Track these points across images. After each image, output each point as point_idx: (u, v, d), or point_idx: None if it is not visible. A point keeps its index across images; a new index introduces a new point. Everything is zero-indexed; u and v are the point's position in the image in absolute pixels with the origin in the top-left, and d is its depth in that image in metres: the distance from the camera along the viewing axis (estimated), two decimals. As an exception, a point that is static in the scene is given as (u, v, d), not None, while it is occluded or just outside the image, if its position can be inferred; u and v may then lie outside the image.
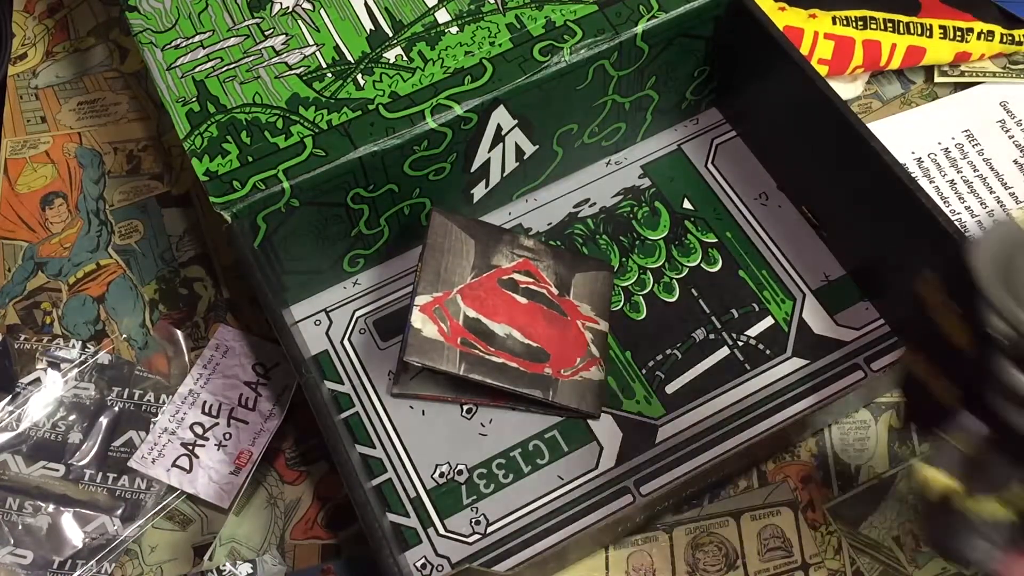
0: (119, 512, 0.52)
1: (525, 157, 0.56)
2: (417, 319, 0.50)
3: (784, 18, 0.63)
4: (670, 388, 0.53)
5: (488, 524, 0.50)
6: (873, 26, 0.63)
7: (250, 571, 0.50)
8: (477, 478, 0.51)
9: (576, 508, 0.51)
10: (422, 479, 0.52)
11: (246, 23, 0.53)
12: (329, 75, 0.51)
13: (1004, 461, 0.32)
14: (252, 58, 0.52)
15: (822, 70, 0.62)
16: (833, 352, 0.54)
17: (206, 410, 0.54)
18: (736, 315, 0.55)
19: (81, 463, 0.53)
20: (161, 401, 0.55)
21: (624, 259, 0.57)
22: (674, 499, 0.50)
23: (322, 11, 0.54)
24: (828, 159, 0.54)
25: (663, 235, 0.58)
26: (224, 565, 0.50)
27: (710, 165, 0.60)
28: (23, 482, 0.53)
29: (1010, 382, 0.30)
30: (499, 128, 0.52)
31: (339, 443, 0.43)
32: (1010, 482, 0.32)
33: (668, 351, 0.54)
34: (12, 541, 0.51)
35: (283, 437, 0.54)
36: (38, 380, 0.56)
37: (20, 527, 0.52)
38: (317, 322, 0.56)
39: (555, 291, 0.54)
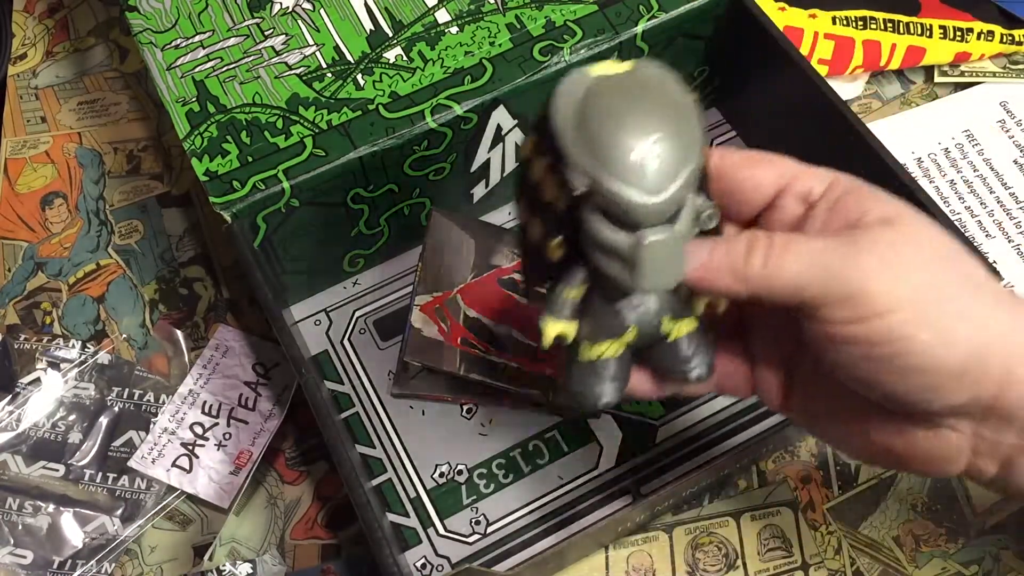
0: (119, 512, 0.52)
1: (525, 157, 0.56)
2: (417, 319, 0.50)
3: (784, 18, 0.63)
4: (670, 388, 0.53)
5: (488, 524, 0.50)
6: (873, 26, 0.63)
7: (250, 571, 0.50)
8: (477, 478, 0.51)
9: (576, 508, 0.51)
10: (422, 479, 0.52)
11: (246, 23, 0.53)
12: (329, 75, 0.51)
13: (610, 307, 0.34)
14: (252, 58, 0.52)
15: (822, 70, 0.62)
16: (833, 352, 0.54)
17: (206, 410, 0.54)
18: (736, 315, 0.55)
19: (81, 463, 0.53)
20: (161, 401, 0.55)
21: (624, 259, 0.57)
22: (674, 499, 0.50)
23: (322, 11, 0.54)
24: (828, 159, 0.53)
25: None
26: (224, 565, 0.50)
27: (710, 165, 0.60)
28: (23, 482, 0.53)
29: (593, 231, 0.31)
30: (499, 128, 0.52)
31: (339, 443, 0.43)
32: (619, 325, 0.34)
33: (668, 351, 0.54)
34: (12, 541, 0.51)
35: (283, 437, 0.54)
36: (38, 380, 0.56)
37: (20, 527, 0.52)
38: (317, 322, 0.56)
39: (555, 291, 0.54)
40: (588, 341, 0.35)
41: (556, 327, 0.35)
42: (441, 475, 0.52)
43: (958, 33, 0.63)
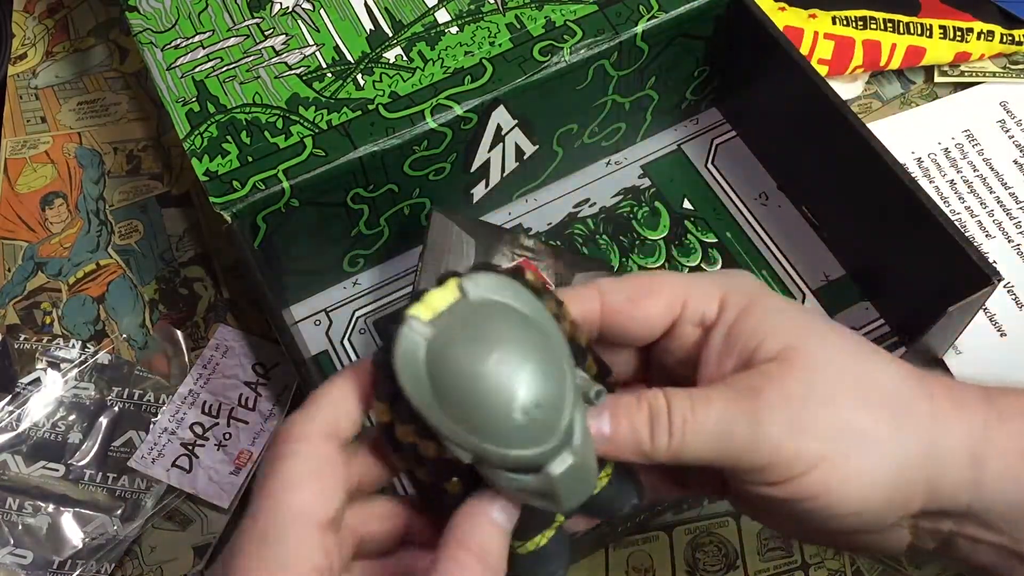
0: (119, 512, 0.52)
1: (525, 157, 0.56)
2: (417, 319, 0.50)
3: (784, 18, 0.63)
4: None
5: (488, 524, 0.50)
6: (873, 26, 0.63)
7: (250, 571, 0.50)
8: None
9: (576, 508, 0.51)
10: (422, 479, 0.51)
11: (246, 23, 0.53)
12: (329, 75, 0.51)
13: (534, 510, 0.31)
14: (252, 58, 0.52)
15: (822, 70, 0.62)
16: (833, 352, 0.54)
17: (206, 410, 0.54)
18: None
19: (81, 463, 0.53)
20: (161, 401, 0.55)
21: (624, 259, 0.57)
22: (674, 499, 0.50)
23: (322, 11, 0.54)
24: (828, 159, 0.54)
25: (663, 235, 0.58)
26: (224, 565, 0.50)
27: (710, 165, 0.60)
28: (23, 482, 0.53)
29: (496, 483, 0.29)
30: (499, 128, 0.52)
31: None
32: (546, 517, 0.32)
33: (668, 351, 0.54)
34: (12, 541, 0.51)
35: (283, 437, 0.54)
36: (38, 380, 0.56)
37: (20, 527, 0.52)
38: (317, 322, 0.56)
39: (555, 291, 0.54)
40: (521, 540, 0.32)
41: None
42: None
43: (958, 33, 0.63)
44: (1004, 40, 0.63)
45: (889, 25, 0.63)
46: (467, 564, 0.28)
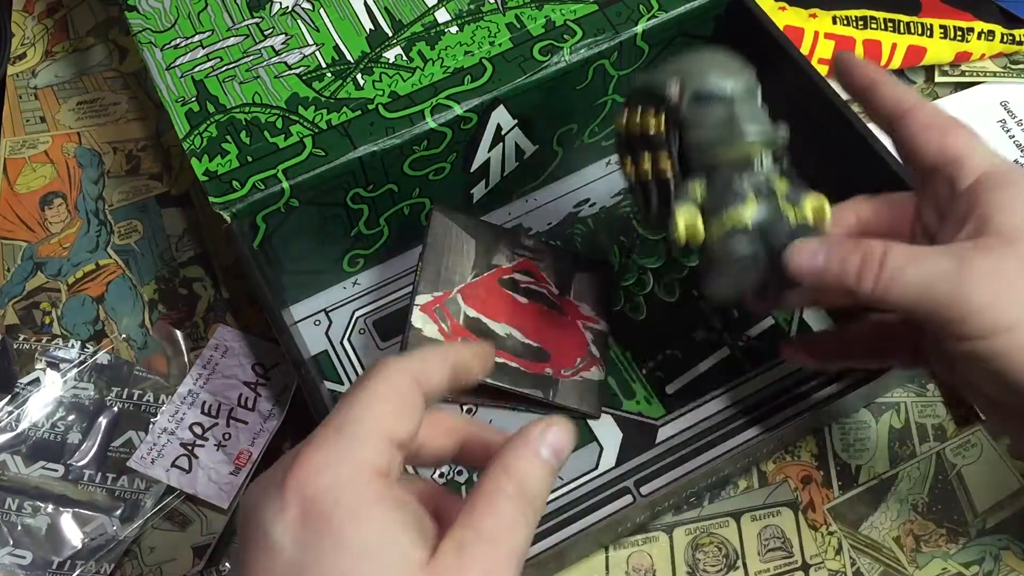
0: (118, 512, 0.52)
1: (525, 157, 0.56)
2: (418, 319, 0.50)
3: (784, 18, 0.63)
4: (670, 388, 0.53)
5: (488, 524, 0.50)
6: (874, 25, 0.63)
7: (250, 571, 0.50)
8: (477, 478, 0.51)
9: (576, 508, 0.51)
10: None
11: (245, 23, 0.53)
12: (329, 75, 0.51)
13: (727, 184, 0.40)
14: (252, 58, 0.52)
15: (822, 70, 0.62)
16: (833, 352, 0.54)
17: (205, 410, 0.54)
18: (736, 315, 0.55)
19: (80, 463, 0.53)
20: (160, 401, 0.55)
21: (624, 259, 0.57)
22: (674, 499, 0.50)
23: (322, 11, 0.53)
24: (828, 159, 0.53)
25: (663, 235, 0.58)
26: (224, 565, 0.50)
27: (710, 165, 0.60)
28: (22, 482, 0.53)
29: (697, 111, 0.40)
30: (499, 128, 0.52)
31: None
32: (739, 194, 0.40)
33: (668, 351, 0.54)
34: (11, 541, 0.51)
35: (283, 437, 0.54)
36: (37, 380, 0.56)
37: (19, 527, 0.52)
38: (317, 322, 0.56)
39: (555, 291, 0.54)
40: (716, 217, 0.39)
41: (685, 212, 0.40)
42: (441, 475, 0.52)
43: (959, 33, 0.63)
44: (1005, 40, 0.63)
45: (890, 25, 0.63)
46: (506, 488, 0.30)
